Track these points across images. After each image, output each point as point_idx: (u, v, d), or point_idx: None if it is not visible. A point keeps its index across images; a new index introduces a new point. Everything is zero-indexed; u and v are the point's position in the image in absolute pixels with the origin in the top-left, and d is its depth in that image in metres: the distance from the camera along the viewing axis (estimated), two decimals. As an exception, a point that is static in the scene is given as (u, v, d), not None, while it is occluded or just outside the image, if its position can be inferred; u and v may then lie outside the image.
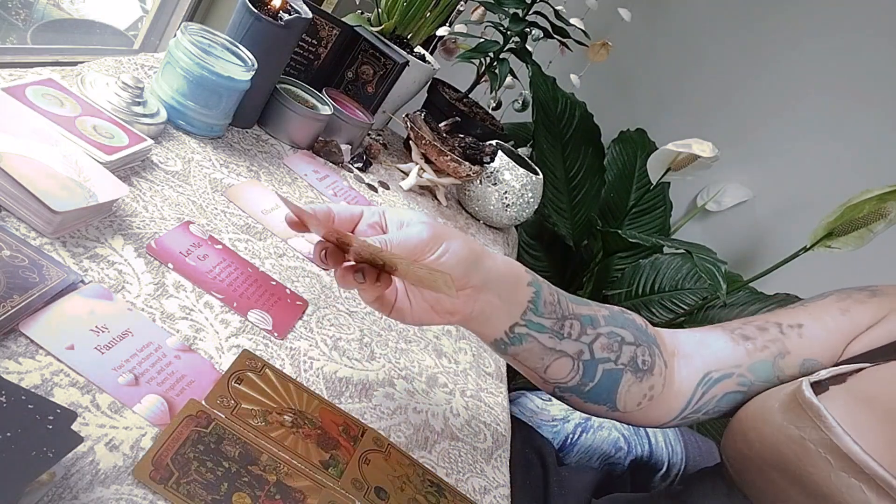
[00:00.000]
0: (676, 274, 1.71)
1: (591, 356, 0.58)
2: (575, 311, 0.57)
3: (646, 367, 0.60)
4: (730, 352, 0.63)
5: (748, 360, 0.62)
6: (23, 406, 0.32)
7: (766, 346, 0.62)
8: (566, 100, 1.77)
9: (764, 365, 0.61)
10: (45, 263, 0.45)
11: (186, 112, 0.74)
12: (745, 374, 0.62)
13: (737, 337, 0.63)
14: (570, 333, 0.57)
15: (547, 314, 0.56)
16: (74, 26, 1.11)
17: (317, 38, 0.96)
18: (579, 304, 0.58)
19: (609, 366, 0.59)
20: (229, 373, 0.48)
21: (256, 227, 0.69)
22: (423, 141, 0.99)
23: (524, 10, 1.20)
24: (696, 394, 0.63)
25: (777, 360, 0.62)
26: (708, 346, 0.64)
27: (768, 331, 0.63)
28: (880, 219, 1.15)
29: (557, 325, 0.56)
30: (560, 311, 0.56)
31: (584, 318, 0.57)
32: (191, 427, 0.42)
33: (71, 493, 0.35)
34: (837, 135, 1.86)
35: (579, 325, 0.57)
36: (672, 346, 0.64)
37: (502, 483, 0.59)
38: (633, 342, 0.59)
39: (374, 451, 0.50)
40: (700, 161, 1.32)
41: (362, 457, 0.49)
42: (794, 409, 0.53)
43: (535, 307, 0.55)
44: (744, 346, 0.63)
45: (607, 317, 0.59)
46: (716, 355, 0.63)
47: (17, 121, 0.52)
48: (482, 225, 1.16)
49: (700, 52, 2.03)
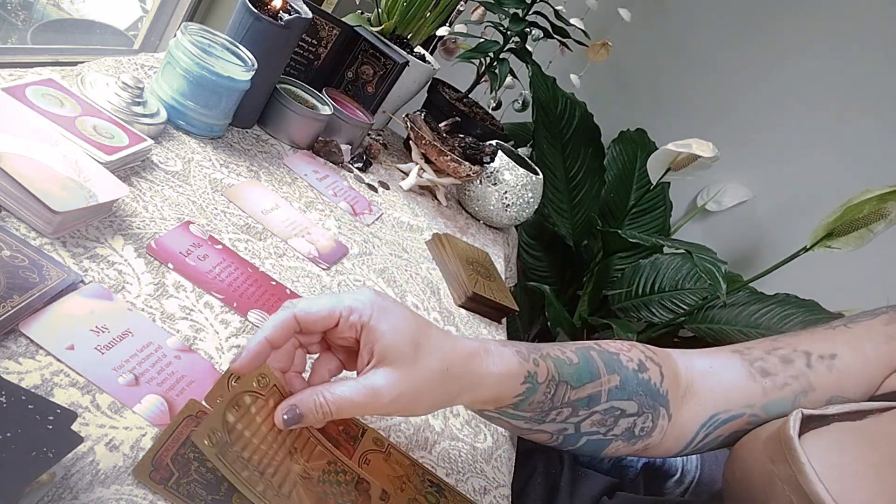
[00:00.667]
0: (676, 274, 1.71)
1: (576, 431, 0.55)
2: (571, 399, 0.53)
3: (643, 434, 0.57)
4: (744, 388, 0.57)
5: (763, 398, 0.57)
6: (23, 406, 0.32)
7: (786, 383, 0.57)
8: (566, 100, 1.77)
9: (781, 404, 0.56)
10: (45, 263, 0.45)
11: (186, 112, 0.74)
12: (758, 414, 0.57)
13: (755, 371, 0.57)
14: (555, 419, 0.54)
15: (530, 410, 0.52)
16: (74, 26, 1.11)
17: (317, 38, 0.96)
18: (583, 385, 0.53)
19: (596, 437, 0.56)
20: (229, 373, 0.48)
21: (256, 227, 0.69)
22: (423, 141, 0.99)
23: (524, 10, 1.20)
24: (699, 436, 0.59)
25: (798, 398, 0.56)
26: (720, 381, 0.58)
27: (793, 364, 0.57)
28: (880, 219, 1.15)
29: (539, 416, 0.53)
30: (549, 405, 0.52)
31: (582, 400, 0.53)
32: (191, 427, 0.42)
33: (71, 494, 0.35)
34: (837, 135, 1.86)
35: (569, 412, 0.53)
36: (685, 386, 0.59)
37: (502, 483, 0.59)
38: (634, 413, 0.55)
39: (374, 451, 0.50)
40: (700, 161, 1.32)
41: (362, 457, 0.49)
42: (775, 442, 0.49)
43: (517, 406, 0.51)
44: (761, 384, 0.57)
45: (614, 389, 0.54)
46: (727, 393, 0.57)
47: (17, 121, 0.52)
48: (482, 225, 1.16)
49: (700, 52, 2.04)
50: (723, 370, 0.59)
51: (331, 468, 0.45)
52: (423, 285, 0.81)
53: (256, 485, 0.39)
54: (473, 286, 0.83)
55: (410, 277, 0.81)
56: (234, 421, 0.41)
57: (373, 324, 0.43)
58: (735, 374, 0.58)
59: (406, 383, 0.43)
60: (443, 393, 0.46)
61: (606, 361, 0.55)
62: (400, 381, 0.43)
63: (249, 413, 0.42)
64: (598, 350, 0.56)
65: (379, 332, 0.43)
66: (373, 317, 0.43)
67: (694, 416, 0.58)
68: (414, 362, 0.44)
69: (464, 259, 0.89)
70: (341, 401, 0.42)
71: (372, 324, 0.43)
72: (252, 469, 0.40)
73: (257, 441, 0.41)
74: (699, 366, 0.60)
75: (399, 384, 0.43)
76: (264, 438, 0.42)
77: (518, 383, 0.49)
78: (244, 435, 0.41)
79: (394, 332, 0.43)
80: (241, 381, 0.43)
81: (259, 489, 0.39)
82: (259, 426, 0.42)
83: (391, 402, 0.43)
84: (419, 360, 0.44)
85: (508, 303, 0.85)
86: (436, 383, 0.45)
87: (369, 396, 0.42)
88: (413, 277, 0.81)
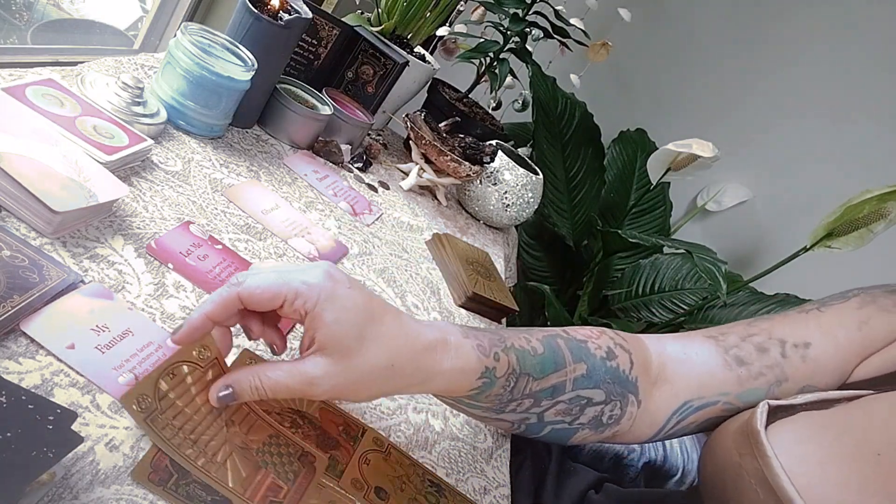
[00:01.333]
0: (676, 274, 1.71)
1: (539, 420, 0.54)
2: (534, 391, 0.51)
3: (611, 422, 0.56)
4: (719, 376, 0.57)
5: (739, 387, 0.56)
6: (23, 406, 0.32)
7: (761, 372, 0.57)
8: (566, 100, 1.77)
9: (756, 393, 0.56)
10: (45, 263, 0.45)
11: (186, 112, 0.74)
12: (733, 402, 0.57)
13: (730, 359, 0.57)
14: (515, 409, 0.53)
15: (487, 402, 0.51)
16: (74, 26, 1.11)
17: (317, 38, 0.96)
18: (547, 376, 0.52)
19: (561, 426, 0.55)
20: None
21: (256, 227, 0.69)
22: (423, 141, 0.99)
23: (524, 10, 1.20)
24: (671, 422, 0.58)
25: (772, 388, 0.56)
26: (693, 367, 0.58)
27: (768, 353, 0.57)
28: (880, 219, 1.15)
29: (498, 406, 0.52)
30: (509, 398, 0.51)
31: (545, 391, 0.52)
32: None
33: (71, 494, 0.35)
34: (837, 135, 1.86)
35: (530, 402, 0.52)
36: (657, 371, 0.59)
37: (502, 483, 0.59)
38: (601, 401, 0.54)
39: (374, 451, 0.50)
40: (700, 161, 1.32)
41: (362, 457, 0.49)
42: (742, 435, 0.49)
43: (473, 398, 0.50)
44: (736, 372, 0.57)
45: (580, 378, 0.53)
46: (700, 379, 0.57)
47: (17, 121, 0.52)
48: (482, 225, 1.16)
49: (700, 52, 2.04)
50: (696, 356, 0.58)
51: (272, 441, 0.45)
52: (423, 285, 0.81)
53: (186, 450, 0.40)
54: (473, 286, 0.83)
55: (410, 277, 0.81)
56: (166, 389, 0.41)
57: (317, 311, 0.41)
58: (709, 361, 0.58)
59: (342, 375, 0.42)
60: (386, 385, 0.45)
61: (573, 350, 0.54)
62: (336, 373, 0.42)
63: (185, 383, 0.42)
64: (566, 338, 0.55)
65: (322, 321, 0.41)
66: (318, 304, 0.41)
67: (666, 403, 0.57)
68: (354, 356, 0.42)
69: (464, 259, 0.89)
70: (276, 385, 0.42)
71: (316, 311, 0.41)
72: (184, 437, 0.40)
73: (191, 411, 0.42)
74: (672, 351, 0.59)
75: (335, 376, 0.42)
76: (199, 409, 0.42)
77: (474, 378, 0.48)
78: (176, 403, 0.41)
79: (337, 322, 0.41)
80: (179, 351, 0.42)
81: (188, 453, 0.40)
82: (194, 397, 0.42)
83: (325, 391, 0.42)
84: (361, 354, 0.42)
85: (508, 303, 0.85)
86: (377, 377, 0.44)
87: (304, 384, 0.42)
88: (413, 277, 0.81)
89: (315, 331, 0.41)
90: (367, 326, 0.43)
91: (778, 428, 0.49)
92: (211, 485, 0.39)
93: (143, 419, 0.39)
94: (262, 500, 0.41)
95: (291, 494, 0.42)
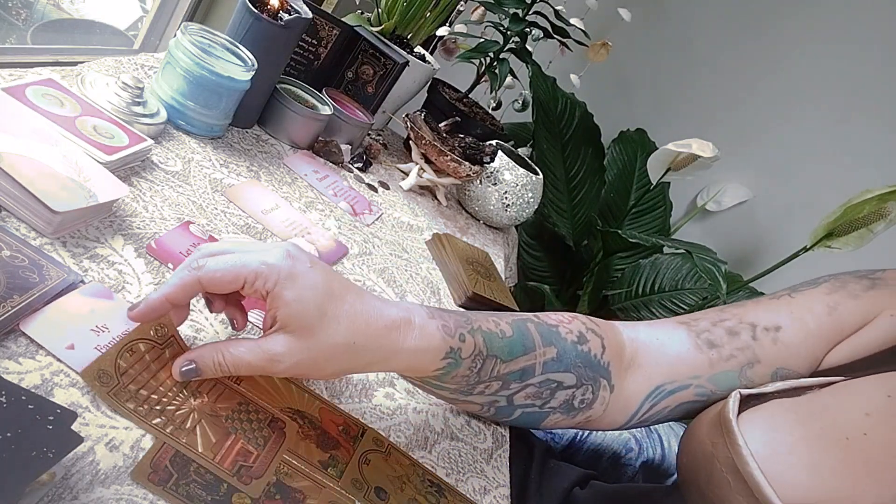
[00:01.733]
0: (676, 274, 1.71)
1: (509, 403, 0.55)
2: (501, 373, 0.52)
3: (582, 406, 0.56)
4: (690, 360, 0.57)
5: (710, 370, 0.57)
6: (23, 406, 0.32)
7: (732, 355, 0.57)
8: (566, 100, 1.77)
9: (728, 376, 0.56)
10: (45, 263, 0.45)
11: (186, 112, 0.74)
12: (705, 385, 0.57)
13: (702, 343, 0.58)
14: (483, 392, 0.53)
15: (453, 383, 0.52)
16: (74, 26, 1.11)
17: (317, 38, 0.96)
18: (515, 359, 0.52)
19: (532, 409, 0.56)
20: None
21: (256, 227, 0.69)
22: (423, 141, 0.99)
23: (524, 10, 1.20)
24: (643, 407, 0.58)
25: (744, 370, 0.56)
26: (666, 353, 0.58)
27: (739, 336, 0.57)
28: (880, 219, 1.15)
29: (465, 388, 0.52)
30: (475, 379, 0.52)
31: (514, 374, 0.52)
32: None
33: (71, 494, 0.35)
34: (838, 135, 1.86)
35: (498, 385, 0.53)
36: (629, 357, 0.59)
37: (502, 483, 0.59)
38: (573, 385, 0.55)
39: (374, 451, 0.50)
40: (700, 161, 1.33)
41: (362, 457, 0.49)
42: (715, 425, 0.49)
43: (438, 378, 0.51)
44: (707, 355, 0.57)
45: (550, 362, 0.54)
46: (672, 364, 0.58)
47: (17, 121, 0.52)
48: (482, 225, 1.16)
49: (700, 52, 2.03)
50: (668, 341, 0.59)
51: (241, 408, 0.45)
52: (423, 285, 0.81)
53: (154, 419, 0.40)
54: (473, 286, 0.83)
55: (410, 277, 0.81)
56: (126, 366, 0.42)
57: (277, 290, 0.42)
58: (681, 345, 0.58)
59: (304, 352, 0.43)
60: (348, 362, 0.45)
61: (543, 334, 0.54)
62: (298, 349, 0.43)
63: (144, 359, 0.43)
64: (536, 322, 0.55)
65: (282, 300, 0.42)
66: (278, 283, 0.42)
67: (638, 388, 0.58)
68: (315, 333, 0.43)
69: (464, 259, 0.89)
70: (239, 361, 0.43)
71: (276, 290, 0.42)
72: (150, 407, 0.41)
73: (156, 383, 0.42)
74: (644, 337, 0.60)
75: (297, 353, 0.43)
76: (164, 382, 0.43)
77: (438, 359, 0.49)
78: (139, 378, 0.42)
79: (298, 301, 0.42)
80: (137, 329, 0.43)
81: (156, 422, 0.40)
82: (156, 372, 0.43)
83: (287, 368, 0.43)
84: (322, 331, 0.43)
85: (508, 303, 0.85)
86: (339, 353, 0.44)
87: (266, 361, 0.42)
88: (413, 277, 0.81)
89: (276, 310, 0.42)
90: (328, 304, 0.43)
91: (749, 416, 0.49)
92: (180, 450, 0.40)
93: (105, 393, 0.39)
94: (232, 464, 0.41)
95: (262, 458, 0.43)
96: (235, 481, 0.40)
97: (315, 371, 0.45)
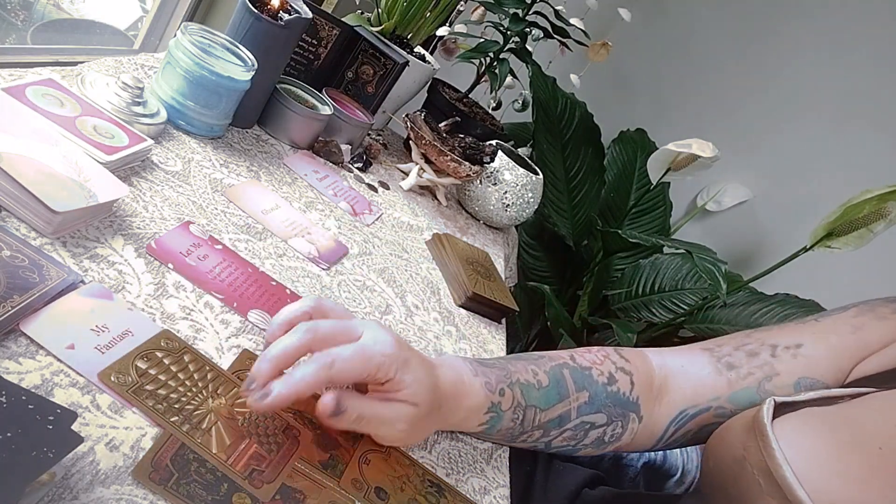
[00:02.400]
0: (676, 274, 1.71)
1: (546, 447, 0.58)
2: (542, 422, 0.56)
3: (612, 440, 0.59)
4: (710, 383, 0.59)
5: (728, 390, 0.58)
6: (23, 406, 0.32)
7: (750, 373, 0.58)
8: (566, 100, 1.77)
9: (745, 393, 0.58)
10: (45, 263, 0.45)
11: (186, 112, 0.74)
12: (724, 406, 0.59)
13: (722, 367, 0.60)
14: (526, 440, 0.57)
15: (499, 436, 0.56)
16: (74, 26, 1.11)
17: (317, 38, 0.96)
18: (552, 406, 0.56)
19: (567, 449, 0.59)
20: (229, 373, 0.48)
21: (256, 227, 0.69)
22: (423, 141, 0.99)
23: (524, 10, 1.20)
24: (668, 432, 0.61)
25: (763, 384, 0.58)
26: (689, 378, 0.61)
27: (758, 356, 0.59)
28: (880, 219, 1.15)
29: (509, 438, 0.57)
30: (520, 430, 0.56)
31: (553, 421, 0.56)
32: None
33: (71, 494, 0.35)
34: (837, 135, 1.86)
35: (541, 433, 0.56)
36: (658, 385, 0.61)
37: (502, 483, 0.59)
38: (604, 423, 0.58)
39: (374, 451, 0.50)
40: (700, 161, 1.32)
41: (362, 457, 0.49)
42: (748, 429, 0.50)
43: (484, 433, 0.56)
44: (726, 377, 0.59)
45: (583, 406, 0.57)
46: (695, 388, 0.60)
47: (17, 121, 0.52)
48: (482, 225, 1.16)
49: (700, 52, 2.04)
50: (691, 367, 0.61)
51: (258, 414, 0.46)
52: (423, 285, 0.81)
53: (171, 417, 0.41)
54: (473, 286, 0.83)
55: (410, 277, 0.81)
56: (145, 367, 0.43)
57: (398, 377, 0.46)
58: (702, 370, 0.60)
59: (421, 418, 0.48)
60: (429, 427, 0.51)
61: (577, 379, 0.57)
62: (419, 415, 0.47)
63: (163, 363, 0.44)
64: (571, 367, 0.58)
65: (405, 384, 0.46)
66: (398, 370, 0.46)
67: (664, 414, 0.60)
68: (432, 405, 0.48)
69: (464, 259, 0.89)
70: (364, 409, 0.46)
71: (397, 377, 0.46)
72: (168, 405, 0.42)
73: (174, 384, 0.43)
74: (672, 364, 0.62)
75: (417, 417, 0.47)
76: (182, 383, 0.44)
77: (481, 413, 0.53)
78: (158, 378, 0.43)
79: (417, 381, 0.47)
80: (148, 341, 0.45)
81: (174, 420, 0.41)
82: (175, 373, 0.44)
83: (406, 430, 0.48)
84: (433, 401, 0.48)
85: (508, 303, 0.85)
86: (431, 418, 0.50)
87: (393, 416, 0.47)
88: (413, 277, 0.81)
89: (399, 392, 0.46)
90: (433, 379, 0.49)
91: (782, 422, 0.50)
92: (195, 450, 0.40)
93: (125, 391, 0.40)
94: (245, 467, 0.41)
95: (274, 464, 0.43)
96: (247, 485, 0.40)
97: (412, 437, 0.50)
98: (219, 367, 0.47)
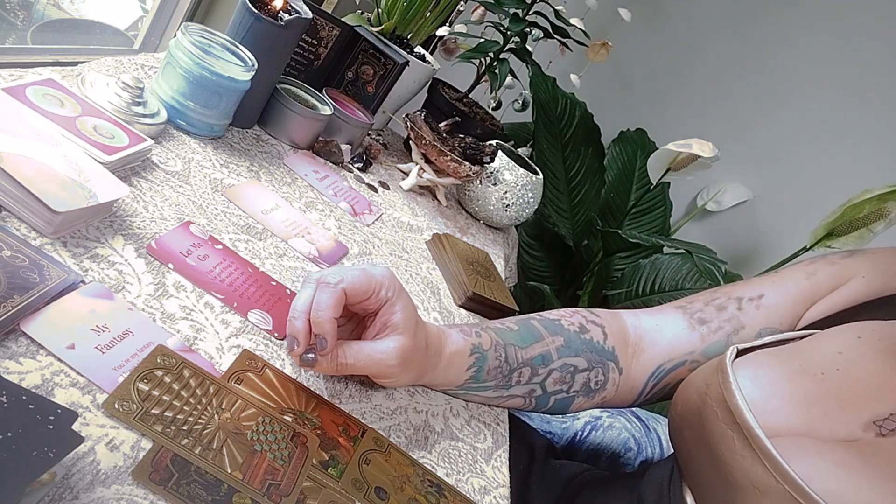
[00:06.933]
0: (676, 274, 1.71)
1: (543, 391, 0.61)
2: (525, 358, 0.59)
3: (598, 387, 0.63)
4: (685, 338, 0.64)
5: (701, 344, 0.63)
6: (23, 406, 0.32)
7: (720, 326, 0.63)
8: (566, 100, 1.77)
9: (717, 346, 0.63)
10: (45, 263, 0.45)
11: (186, 112, 0.74)
12: (699, 360, 0.63)
13: (694, 322, 0.65)
14: (520, 381, 0.60)
15: (490, 378, 0.59)
16: (74, 26, 1.11)
17: (317, 38, 0.96)
18: (530, 345, 0.60)
19: (561, 395, 0.62)
20: (229, 373, 0.48)
21: (257, 227, 0.69)
22: (423, 141, 0.99)
23: (524, 10, 1.20)
24: (647, 386, 0.65)
25: (731, 338, 0.63)
26: (664, 335, 0.65)
27: (726, 310, 0.64)
28: (880, 219, 1.15)
29: (504, 381, 0.60)
30: (507, 368, 0.59)
31: (536, 359, 0.60)
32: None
33: (71, 494, 0.35)
34: (837, 135, 1.86)
35: (529, 371, 0.60)
36: (634, 343, 0.66)
37: (502, 483, 0.59)
38: (585, 368, 0.62)
39: (374, 451, 0.50)
40: (700, 161, 1.33)
41: (362, 457, 0.49)
42: (713, 370, 0.54)
43: (476, 378, 0.58)
44: (699, 332, 0.64)
45: (561, 347, 0.61)
46: (671, 344, 0.65)
47: (17, 121, 0.52)
48: (482, 225, 1.16)
49: (700, 52, 2.04)
50: (666, 325, 0.66)
51: (263, 423, 0.46)
52: (423, 285, 0.81)
53: (182, 440, 0.41)
54: (473, 286, 0.83)
55: (410, 277, 0.81)
56: (147, 389, 0.42)
57: (395, 298, 0.51)
58: (677, 327, 0.65)
59: (409, 352, 0.51)
60: (419, 367, 0.54)
61: (547, 326, 0.62)
62: (406, 348, 0.51)
63: (164, 382, 0.44)
64: (539, 318, 0.63)
65: (398, 307, 0.51)
66: (395, 293, 0.51)
67: (642, 369, 0.65)
68: (416, 334, 0.52)
69: (464, 259, 0.89)
70: (358, 354, 0.50)
71: (394, 298, 0.51)
72: (177, 428, 0.41)
73: (179, 403, 0.43)
74: (646, 324, 0.67)
75: (405, 351, 0.51)
76: (187, 401, 0.43)
77: (466, 356, 0.57)
78: (162, 399, 0.42)
79: (407, 308, 0.52)
80: (144, 361, 0.44)
81: (185, 443, 0.40)
82: (178, 392, 0.44)
83: (397, 364, 0.51)
84: (419, 333, 0.53)
85: (508, 303, 0.85)
86: (420, 356, 0.53)
87: (382, 354, 0.50)
88: (413, 277, 0.81)
89: (392, 315, 0.51)
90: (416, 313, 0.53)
91: (740, 361, 0.55)
92: (210, 471, 0.40)
93: (131, 419, 0.39)
94: (261, 483, 0.41)
95: (288, 475, 0.43)
96: (266, 501, 0.40)
97: (405, 372, 0.53)
98: (219, 380, 0.47)
